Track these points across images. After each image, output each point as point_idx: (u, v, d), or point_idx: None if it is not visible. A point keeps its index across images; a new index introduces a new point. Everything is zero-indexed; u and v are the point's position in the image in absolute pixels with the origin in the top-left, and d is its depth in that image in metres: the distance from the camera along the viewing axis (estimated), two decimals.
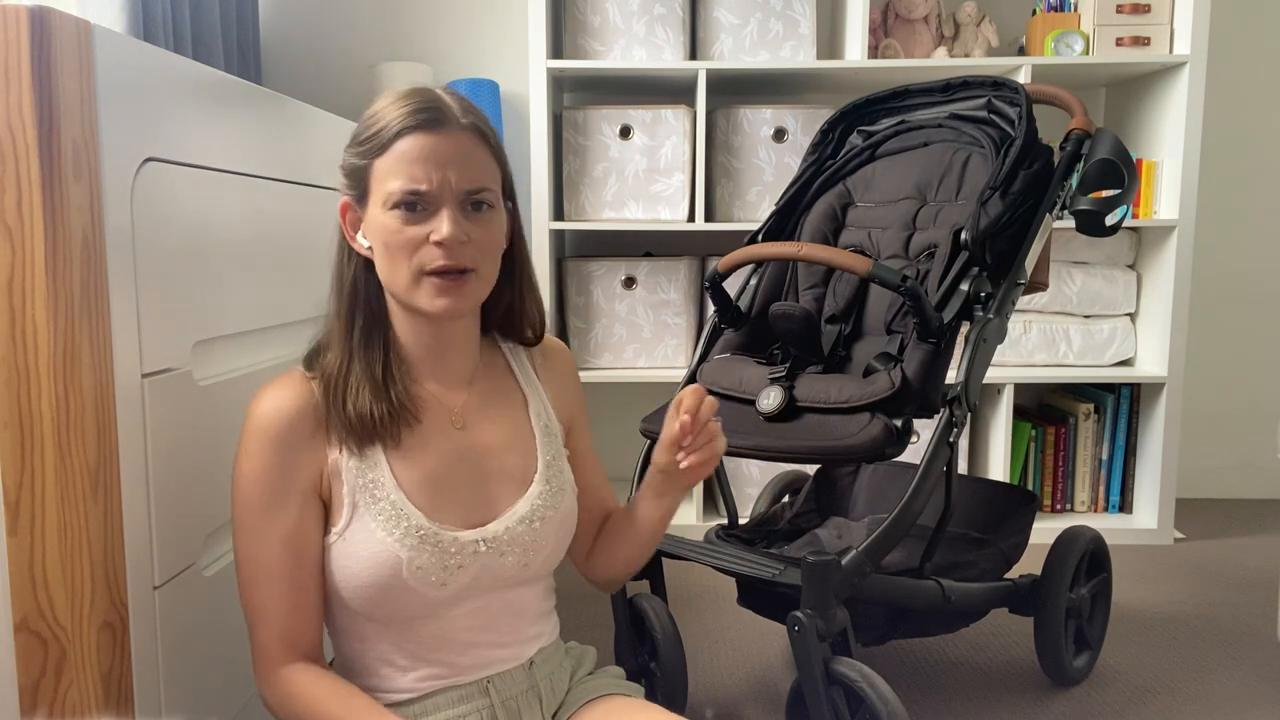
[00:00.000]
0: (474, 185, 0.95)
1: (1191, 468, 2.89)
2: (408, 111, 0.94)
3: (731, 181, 2.49)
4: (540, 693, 1.05)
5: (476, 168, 0.95)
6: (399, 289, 0.96)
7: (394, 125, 0.93)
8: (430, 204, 0.93)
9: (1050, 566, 1.67)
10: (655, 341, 2.55)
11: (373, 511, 0.96)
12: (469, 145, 0.95)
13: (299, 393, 0.97)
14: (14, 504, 0.89)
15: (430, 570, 0.95)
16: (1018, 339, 2.54)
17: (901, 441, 1.35)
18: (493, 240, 0.98)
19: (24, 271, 0.87)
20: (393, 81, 2.52)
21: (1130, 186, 1.53)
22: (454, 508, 0.99)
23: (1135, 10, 2.42)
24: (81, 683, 0.92)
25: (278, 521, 0.95)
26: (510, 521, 1.01)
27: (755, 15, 2.44)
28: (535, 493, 1.03)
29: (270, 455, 0.95)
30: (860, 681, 1.27)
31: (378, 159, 0.94)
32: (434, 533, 0.96)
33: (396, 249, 0.94)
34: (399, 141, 0.93)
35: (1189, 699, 1.70)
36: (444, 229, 0.92)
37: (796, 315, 1.51)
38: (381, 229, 0.95)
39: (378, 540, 0.95)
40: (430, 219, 0.93)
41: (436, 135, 0.93)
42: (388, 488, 0.96)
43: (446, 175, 0.93)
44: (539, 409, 1.09)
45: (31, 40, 0.85)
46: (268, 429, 0.95)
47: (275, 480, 0.95)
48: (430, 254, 0.93)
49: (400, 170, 0.93)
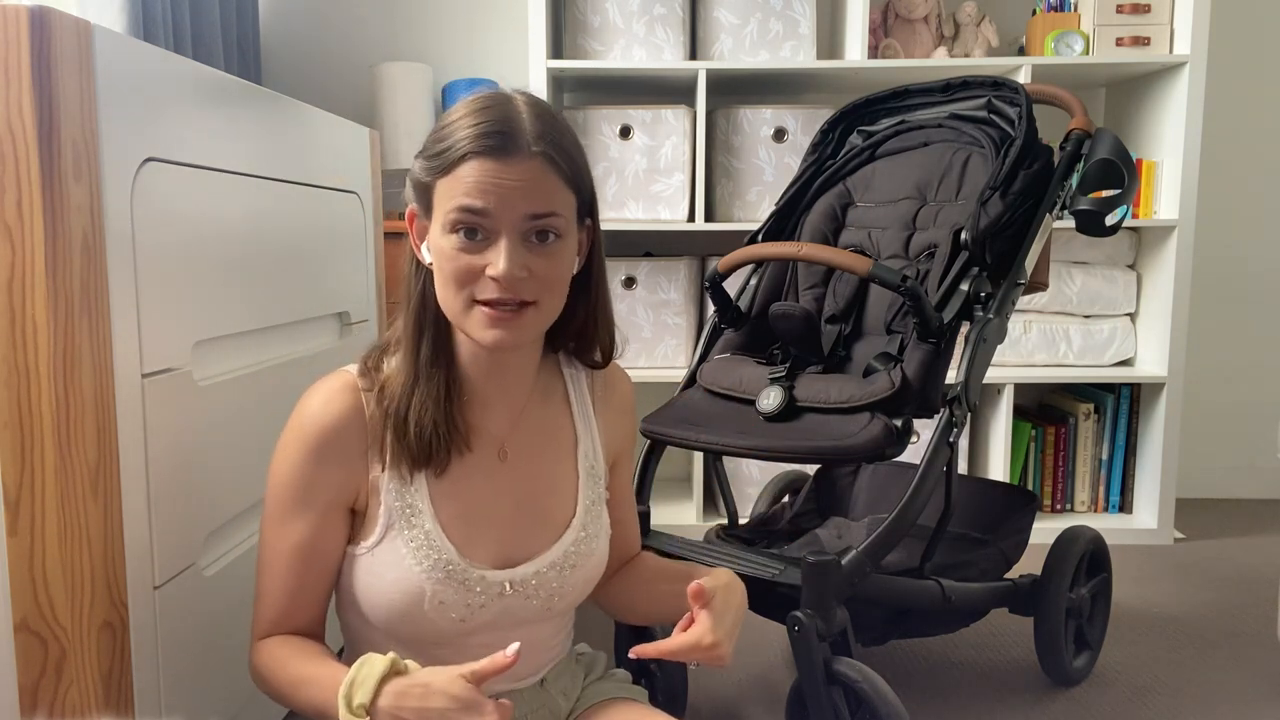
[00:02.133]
0: (538, 213, 0.88)
1: (1191, 468, 2.89)
2: (477, 133, 0.87)
3: (731, 181, 2.49)
4: (552, 708, 1.05)
5: (543, 196, 0.88)
6: (452, 314, 0.92)
7: (461, 147, 0.87)
8: (490, 234, 0.88)
9: (1050, 566, 1.67)
10: (655, 341, 2.55)
11: (405, 537, 0.94)
12: (537, 173, 0.88)
13: (348, 403, 0.94)
14: (14, 504, 0.89)
15: (452, 606, 0.94)
16: (1018, 339, 2.54)
17: (901, 441, 1.35)
18: (557, 273, 0.91)
19: (24, 271, 0.87)
20: (393, 81, 2.52)
21: (1130, 186, 1.53)
22: (487, 545, 0.97)
23: (1135, 10, 2.42)
24: (81, 683, 0.92)
25: (296, 526, 0.94)
26: (541, 565, 0.99)
27: (755, 15, 2.44)
28: (570, 539, 1.01)
29: (303, 462, 0.93)
30: (860, 681, 1.27)
31: (441, 179, 0.89)
32: (462, 569, 0.94)
33: (452, 275, 0.89)
34: (463, 165, 0.87)
35: (1189, 699, 1.70)
36: (500, 264, 0.86)
37: (796, 315, 1.51)
38: (439, 252, 0.90)
39: (405, 567, 0.93)
40: (489, 249, 0.88)
41: (502, 163, 0.86)
42: (424, 516, 0.94)
43: (508, 205, 0.87)
44: (588, 449, 1.04)
45: (31, 40, 0.85)
46: (308, 436, 0.93)
47: (302, 489, 0.93)
48: (485, 286, 0.88)
49: (461, 194, 0.87)
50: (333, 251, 1.56)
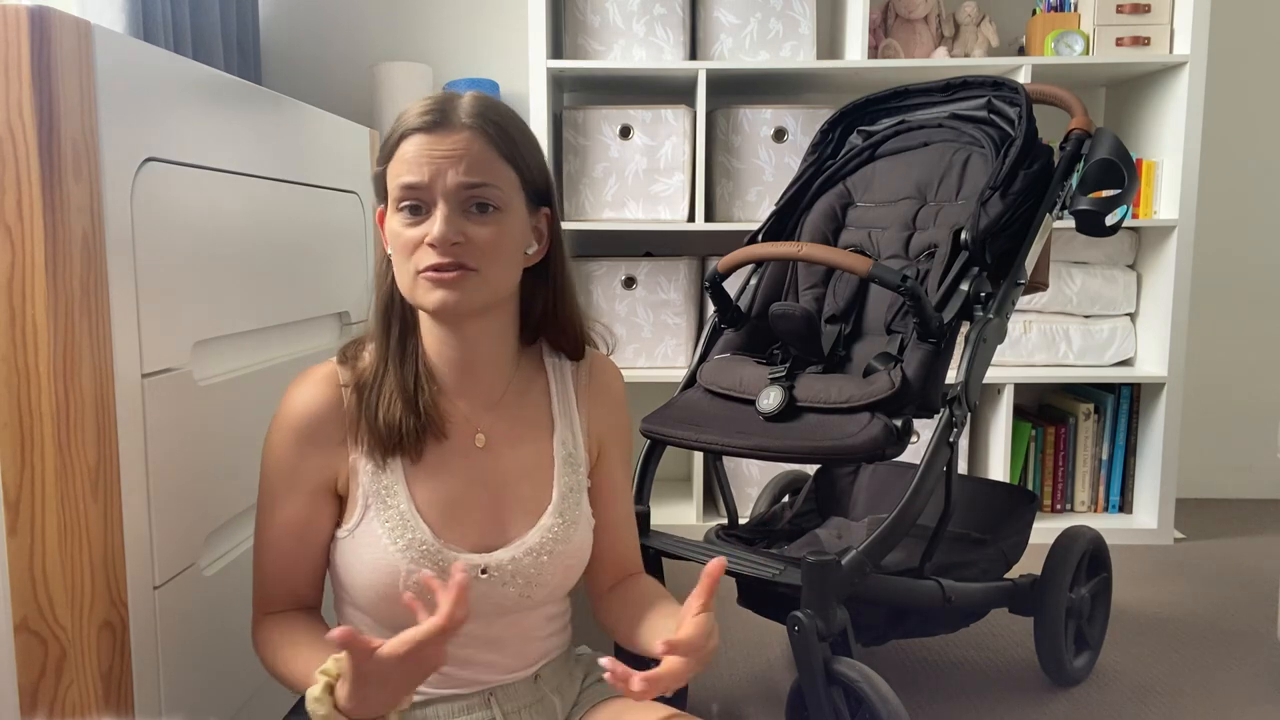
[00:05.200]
0: (471, 183, 0.92)
1: (1191, 468, 2.89)
2: (415, 114, 0.94)
3: (731, 181, 2.49)
4: (547, 705, 1.05)
5: (475, 166, 0.93)
6: (405, 290, 0.96)
7: (400, 129, 0.95)
8: (429, 205, 0.93)
9: (1050, 566, 1.67)
10: (655, 341, 2.55)
11: (381, 518, 0.96)
12: (468, 143, 0.93)
13: (327, 393, 0.98)
14: (14, 504, 0.89)
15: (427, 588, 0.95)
16: (1018, 339, 2.54)
17: (901, 441, 1.35)
18: (497, 242, 0.94)
19: (24, 271, 0.87)
20: (393, 81, 2.52)
21: (1130, 186, 1.53)
22: (464, 529, 0.99)
23: (1135, 10, 2.42)
24: (81, 683, 0.92)
25: (285, 509, 0.99)
26: (517, 552, 1.00)
27: (755, 15, 2.44)
28: (546, 525, 1.02)
29: (288, 448, 0.98)
30: (860, 681, 1.27)
31: (389, 164, 0.95)
32: (437, 550, 0.96)
33: (399, 250, 0.95)
34: (403, 144, 0.94)
35: (1189, 699, 1.70)
36: (435, 229, 0.91)
37: (796, 315, 1.51)
38: (391, 234, 0.96)
39: (381, 547, 0.96)
40: (428, 221, 0.93)
41: (434, 135, 0.93)
42: (400, 497, 0.97)
43: (440, 172, 0.92)
44: (565, 437, 1.06)
45: (31, 40, 0.85)
46: (292, 423, 0.98)
47: (288, 474, 0.98)
48: (425, 254, 0.93)
49: (400, 171, 0.93)
50: (332, 251, 1.56)
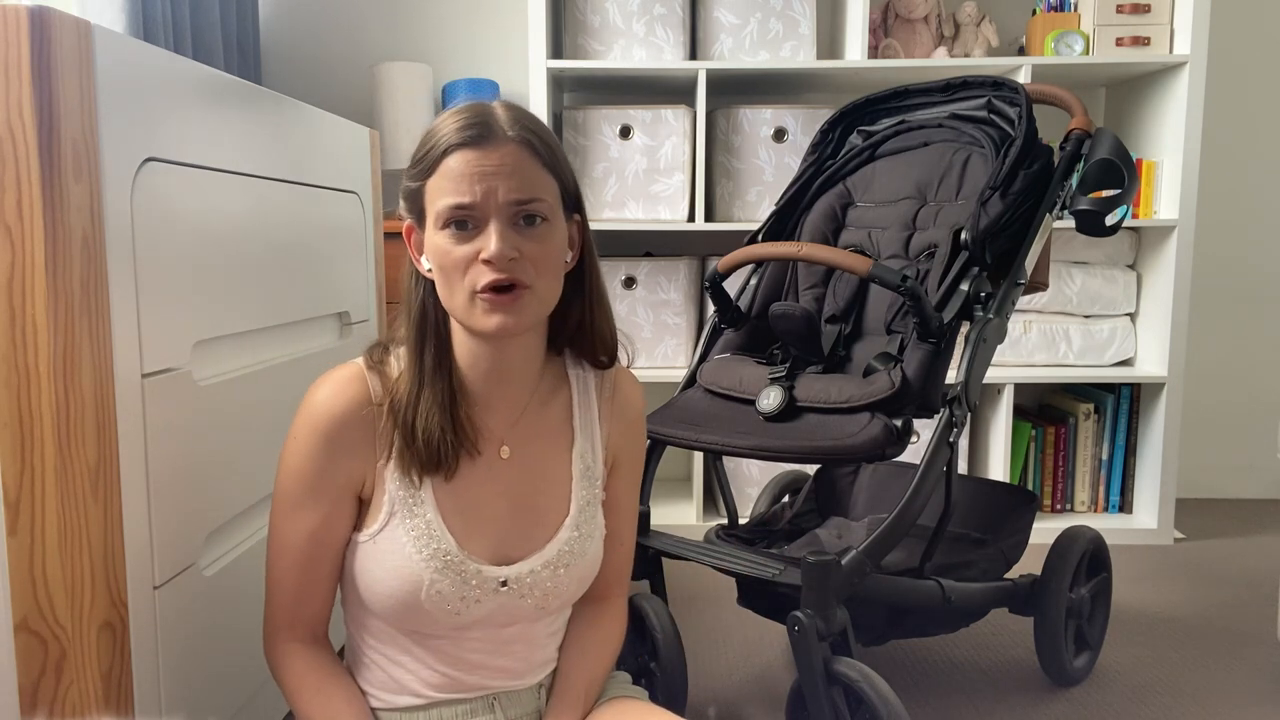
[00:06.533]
0: (522, 198, 0.90)
1: (1191, 468, 2.89)
2: (455, 128, 0.91)
3: (731, 181, 2.49)
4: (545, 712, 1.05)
5: (525, 180, 0.91)
6: (457, 311, 0.93)
7: (441, 144, 0.91)
8: (479, 221, 0.90)
9: (1050, 566, 1.67)
10: (655, 341, 2.55)
11: (406, 525, 0.96)
12: (516, 157, 0.91)
13: (357, 394, 0.96)
14: (14, 504, 0.89)
15: (448, 599, 0.95)
16: (1018, 339, 2.54)
17: (901, 441, 1.35)
18: (548, 255, 0.93)
19: (24, 271, 0.87)
20: (393, 81, 2.52)
21: (1130, 186, 1.53)
22: (485, 539, 0.99)
23: (1135, 10, 2.42)
24: (81, 683, 0.92)
25: (308, 515, 0.96)
26: (536, 564, 1.00)
27: (755, 15, 2.44)
28: (564, 538, 1.02)
29: (314, 451, 0.95)
30: (860, 681, 1.27)
31: (429, 179, 0.92)
32: (460, 560, 0.96)
33: (450, 269, 0.91)
34: (446, 159, 0.91)
35: (1189, 699, 1.70)
36: (491, 245, 0.89)
37: (796, 315, 1.51)
38: (435, 250, 0.92)
39: (405, 555, 0.95)
40: (479, 236, 0.90)
41: (481, 150, 0.90)
42: (426, 505, 0.96)
43: (492, 189, 0.90)
44: (584, 450, 1.05)
45: (31, 40, 0.85)
46: (318, 424, 0.95)
47: (314, 477, 0.96)
48: (481, 272, 0.90)
49: (447, 188, 0.91)
50: (333, 251, 1.56)
